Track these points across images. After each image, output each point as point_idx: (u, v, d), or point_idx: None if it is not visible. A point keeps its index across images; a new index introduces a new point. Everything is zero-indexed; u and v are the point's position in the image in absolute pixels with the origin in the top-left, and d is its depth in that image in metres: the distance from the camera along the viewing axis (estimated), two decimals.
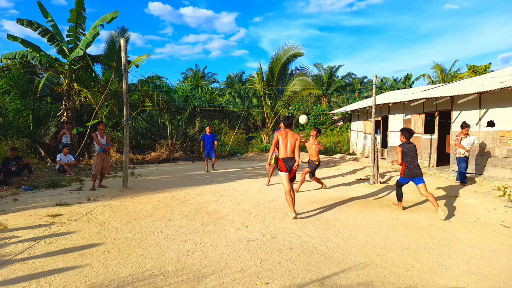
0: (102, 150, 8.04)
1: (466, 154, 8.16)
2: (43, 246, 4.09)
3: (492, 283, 3.29)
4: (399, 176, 6.16)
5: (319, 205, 6.48)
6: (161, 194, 7.37)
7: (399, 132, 6.24)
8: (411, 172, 5.91)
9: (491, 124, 8.98)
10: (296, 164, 5.60)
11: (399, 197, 6.22)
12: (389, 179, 9.60)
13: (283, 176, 5.65)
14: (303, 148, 18.75)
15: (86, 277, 3.29)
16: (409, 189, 8.25)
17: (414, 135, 12.17)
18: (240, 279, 3.29)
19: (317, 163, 8.00)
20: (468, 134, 8.30)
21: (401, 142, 6.17)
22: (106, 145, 8.12)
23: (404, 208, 6.31)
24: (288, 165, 5.60)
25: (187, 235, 4.62)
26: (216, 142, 11.64)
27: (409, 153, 5.94)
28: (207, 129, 11.61)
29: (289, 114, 25.77)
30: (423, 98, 10.70)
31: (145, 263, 3.64)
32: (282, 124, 6.40)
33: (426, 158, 11.52)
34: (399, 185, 6.19)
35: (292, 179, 5.72)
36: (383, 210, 6.16)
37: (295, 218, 5.43)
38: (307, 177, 8.45)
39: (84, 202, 6.50)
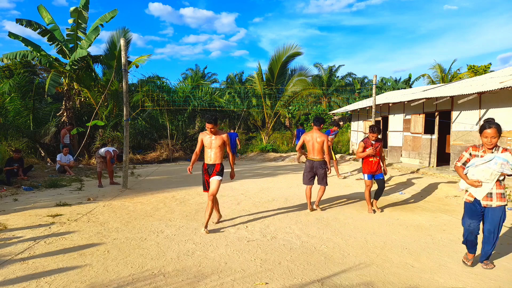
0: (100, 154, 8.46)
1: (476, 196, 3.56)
2: (43, 246, 4.10)
3: (492, 283, 3.29)
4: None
5: (319, 205, 6.47)
6: (161, 194, 7.37)
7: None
8: None
9: None
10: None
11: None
12: (389, 179, 9.60)
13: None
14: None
15: (86, 277, 3.29)
16: (408, 189, 8.24)
17: (415, 135, 12.18)
18: (240, 279, 3.29)
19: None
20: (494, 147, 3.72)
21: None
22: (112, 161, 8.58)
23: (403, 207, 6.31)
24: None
25: (187, 235, 4.62)
26: (237, 140, 13.69)
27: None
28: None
29: (290, 114, 25.83)
30: (423, 98, 10.71)
31: (145, 263, 3.64)
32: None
33: (426, 158, 11.52)
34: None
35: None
36: (383, 210, 6.16)
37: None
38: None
39: (84, 202, 6.51)
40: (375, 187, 6.25)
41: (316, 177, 6.13)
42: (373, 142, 6.01)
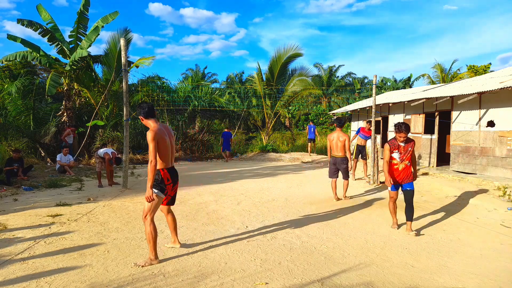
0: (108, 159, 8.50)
1: None
2: (43, 246, 4.10)
3: (492, 283, 3.29)
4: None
5: (320, 205, 6.48)
6: None
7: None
8: None
9: (491, 124, 8.98)
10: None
11: None
12: None
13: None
14: (302, 148, 18.82)
15: (86, 277, 3.29)
16: None
17: (415, 135, 12.17)
18: (240, 279, 3.30)
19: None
20: None
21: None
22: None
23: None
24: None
25: (187, 235, 4.62)
26: (231, 139, 15.10)
27: None
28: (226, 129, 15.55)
29: (290, 114, 25.88)
30: (423, 98, 10.71)
31: None
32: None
33: (426, 158, 11.51)
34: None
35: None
36: (383, 210, 6.15)
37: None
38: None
39: (84, 202, 6.50)
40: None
41: (339, 172, 6.89)
42: (401, 144, 4.76)
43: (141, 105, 3.75)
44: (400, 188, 4.95)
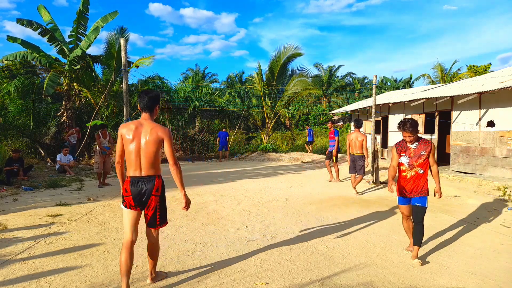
0: (102, 151, 8.45)
1: None
2: (43, 246, 4.10)
3: (492, 283, 3.29)
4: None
5: (320, 205, 6.48)
6: None
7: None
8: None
9: (491, 124, 8.98)
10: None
11: None
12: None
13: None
14: (302, 148, 18.82)
15: (86, 277, 3.29)
16: None
17: None
18: (240, 279, 3.30)
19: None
20: None
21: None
22: (108, 147, 8.56)
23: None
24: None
25: (187, 235, 4.62)
26: (228, 138, 15.56)
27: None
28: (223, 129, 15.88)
29: (290, 114, 25.88)
30: (423, 98, 10.71)
31: (145, 263, 3.63)
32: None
33: None
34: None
35: None
36: (383, 210, 6.16)
37: None
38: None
39: (84, 202, 6.51)
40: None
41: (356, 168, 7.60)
42: (411, 145, 3.82)
43: (141, 95, 3.08)
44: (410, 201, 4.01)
